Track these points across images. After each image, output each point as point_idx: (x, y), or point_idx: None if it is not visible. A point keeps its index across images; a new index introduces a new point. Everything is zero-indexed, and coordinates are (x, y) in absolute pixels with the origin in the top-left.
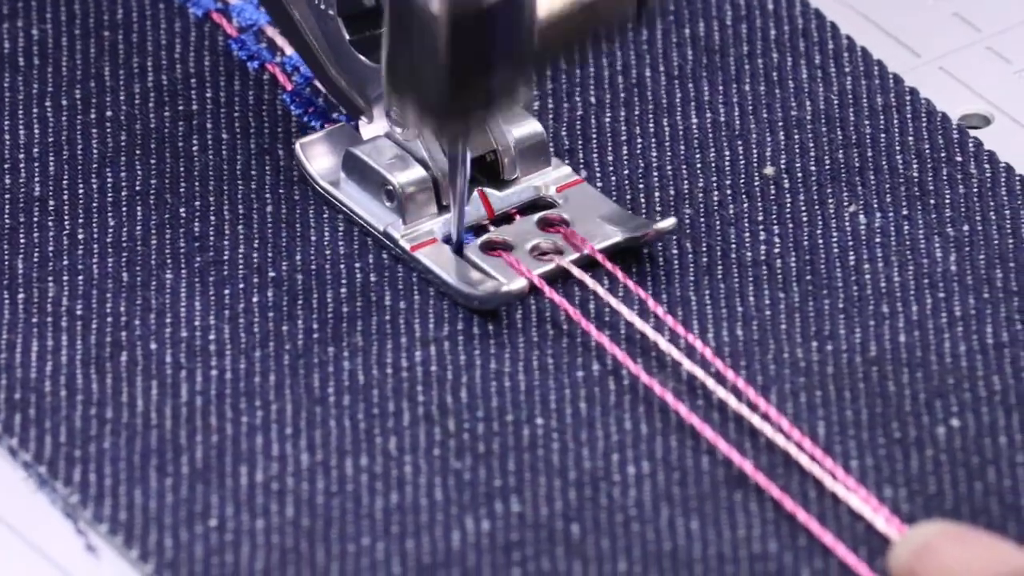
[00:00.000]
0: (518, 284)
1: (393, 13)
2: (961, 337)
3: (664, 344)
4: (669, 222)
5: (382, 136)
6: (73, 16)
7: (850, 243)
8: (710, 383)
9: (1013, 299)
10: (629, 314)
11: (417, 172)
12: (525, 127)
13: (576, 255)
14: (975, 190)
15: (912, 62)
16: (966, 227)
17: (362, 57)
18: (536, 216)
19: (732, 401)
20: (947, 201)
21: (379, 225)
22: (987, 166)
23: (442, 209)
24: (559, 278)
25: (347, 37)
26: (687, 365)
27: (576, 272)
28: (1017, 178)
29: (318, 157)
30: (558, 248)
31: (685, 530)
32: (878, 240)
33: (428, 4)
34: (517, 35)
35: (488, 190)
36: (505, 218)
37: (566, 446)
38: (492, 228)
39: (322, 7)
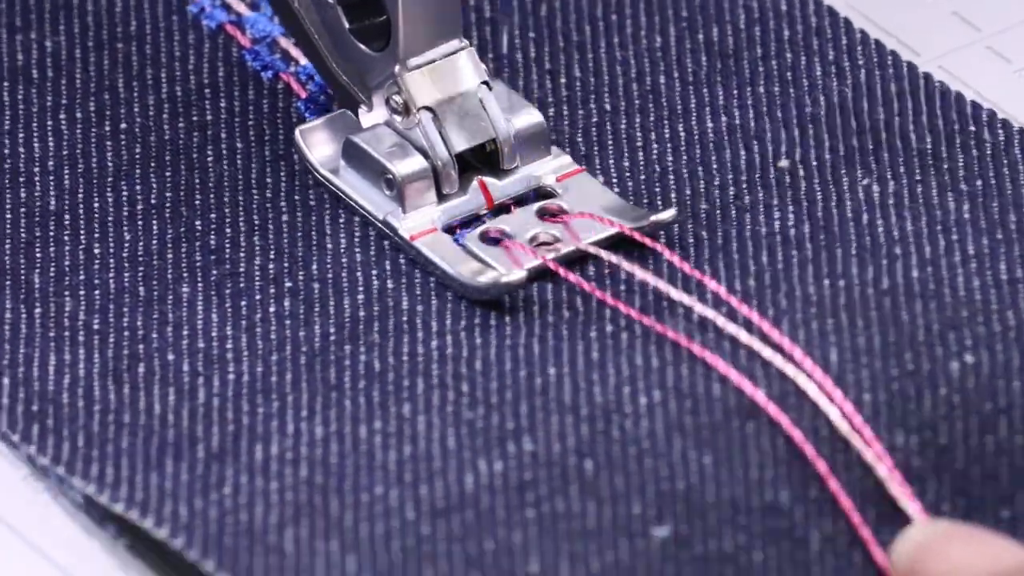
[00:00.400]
0: (517, 274)
1: None
2: (975, 272)
3: (676, 294)
4: (669, 213)
5: (382, 124)
6: (87, 28)
7: (864, 209)
8: (721, 320)
9: None
10: (643, 274)
11: (417, 161)
12: (525, 116)
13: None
14: (988, 152)
15: (912, 61)
16: (979, 183)
17: (362, 45)
18: (535, 206)
19: (743, 335)
20: (960, 164)
21: (379, 214)
22: (1000, 131)
23: (442, 198)
24: (560, 265)
25: (347, 25)
26: (699, 308)
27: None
28: None
29: (318, 145)
30: (557, 238)
31: (698, 466)
32: (892, 202)
33: None
34: None
35: (487, 179)
36: (504, 207)
37: (577, 386)
38: (488, 218)
39: None
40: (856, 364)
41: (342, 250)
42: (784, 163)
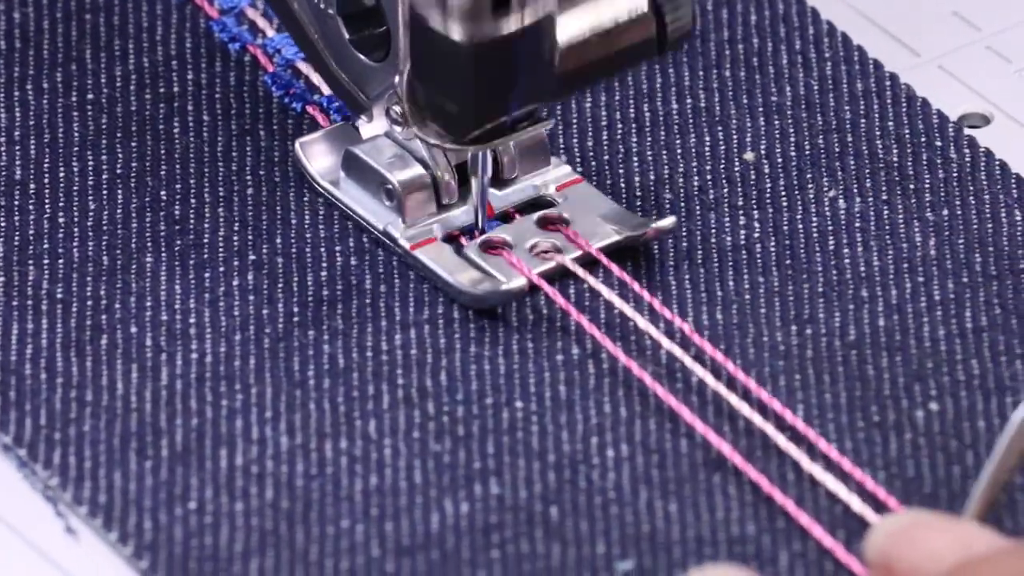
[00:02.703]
0: (517, 283)
1: (416, 38)
2: (940, 321)
3: (643, 324)
4: (668, 221)
5: (382, 135)
6: (54, 0)
7: (830, 228)
8: (688, 362)
9: (992, 283)
10: (609, 294)
11: (417, 171)
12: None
13: (576, 253)
14: (955, 175)
15: (912, 61)
16: (945, 212)
17: (362, 56)
18: (536, 215)
19: (711, 381)
20: (927, 186)
21: (379, 224)
22: (967, 151)
23: (441, 208)
24: (558, 277)
25: (347, 36)
26: (667, 345)
27: (579, 271)
28: (996, 162)
29: (318, 156)
30: (557, 247)
31: (664, 512)
32: (858, 225)
33: (450, 33)
34: (538, 62)
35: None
36: (504, 217)
37: (545, 429)
38: (491, 227)
39: (322, 6)
40: (823, 419)
41: (306, 225)
42: (750, 156)
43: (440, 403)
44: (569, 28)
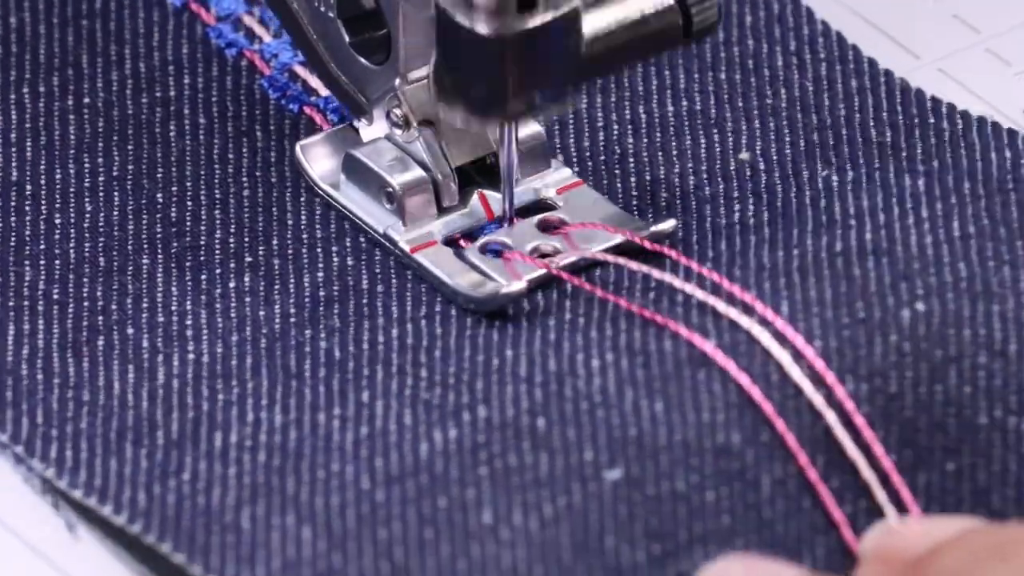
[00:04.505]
0: (517, 286)
1: (440, 30)
2: (928, 231)
3: (635, 265)
4: (668, 224)
5: (382, 138)
6: (51, 5)
7: (823, 196)
8: (678, 283)
9: (980, 201)
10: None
11: (417, 174)
12: (525, 128)
13: (575, 257)
14: (947, 139)
15: (912, 64)
16: (936, 163)
17: (362, 59)
18: (535, 218)
19: (698, 293)
20: (919, 150)
21: (379, 227)
22: (959, 119)
23: (442, 211)
24: (557, 280)
25: (347, 39)
26: (656, 275)
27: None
28: (989, 124)
29: (319, 159)
30: (557, 250)
31: (650, 412)
32: (850, 188)
33: (475, 26)
34: (564, 51)
35: (488, 192)
36: (504, 219)
37: (532, 359)
38: (491, 230)
39: (322, 9)
40: (807, 314)
41: (302, 226)
42: (745, 155)
43: (432, 370)
44: (595, 20)
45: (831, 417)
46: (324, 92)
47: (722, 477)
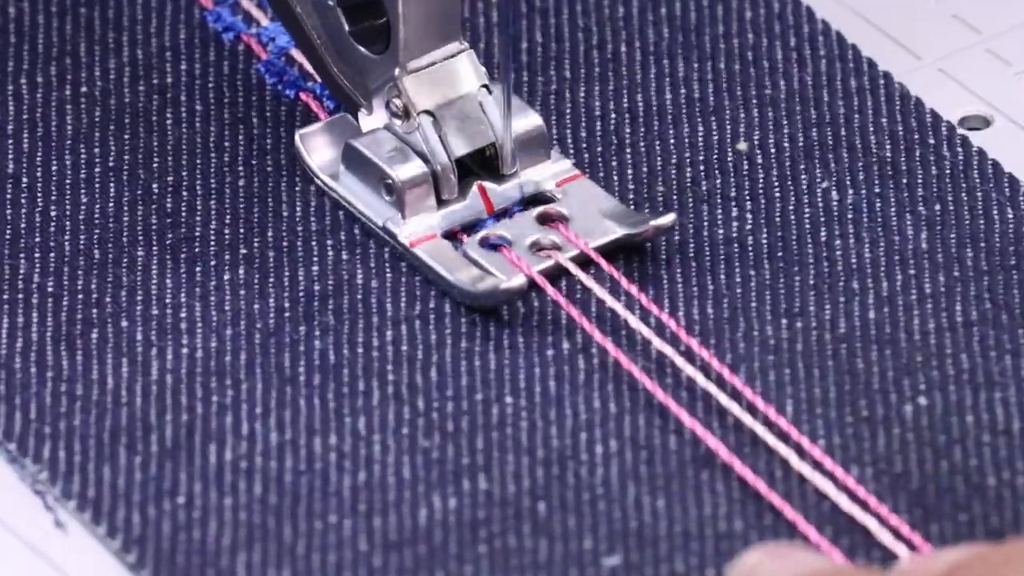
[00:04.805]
0: (517, 280)
1: None
2: (930, 315)
3: (635, 322)
4: (668, 218)
5: (382, 128)
6: None
7: (822, 219)
8: (679, 361)
9: (983, 278)
10: (601, 291)
11: (417, 166)
12: (524, 120)
13: (575, 251)
14: (947, 171)
15: (912, 64)
16: (937, 207)
17: (362, 48)
18: (535, 211)
19: (700, 379)
20: (919, 181)
21: (378, 220)
22: (959, 149)
23: (441, 203)
24: (557, 274)
25: (347, 28)
26: (657, 343)
27: (576, 270)
28: (989, 162)
29: (318, 149)
30: (557, 244)
31: (651, 508)
32: (850, 217)
33: None
34: None
35: (487, 184)
36: (503, 212)
37: (534, 425)
38: (491, 223)
39: None
40: (811, 414)
41: (297, 218)
42: (743, 146)
43: (430, 399)
44: None
45: (841, 499)
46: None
47: (724, 557)
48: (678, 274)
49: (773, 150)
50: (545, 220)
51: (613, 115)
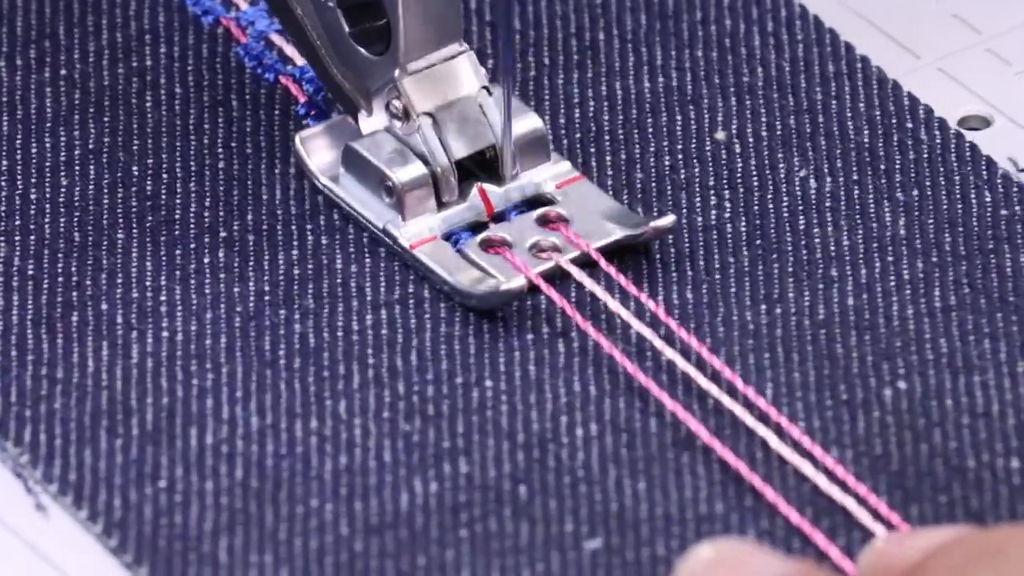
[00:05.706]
0: (517, 282)
1: None
2: (909, 300)
3: (615, 306)
4: (668, 220)
5: (382, 130)
6: None
7: (800, 207)
8: (659, 344)
9: (961, 263)
10: (581, 275)
11: (417, 168)
12: (525, 122)
13: (575, 253)
14: (925, 156)
15: (912, 64)
16: (915, 192)
17: (362, 49)
18: (535, 213)
19: (680, 362)
20: (897, 166)
21: (378, 222)
22: (937, 132)
23: (442, 206)
24: (557, 276)
25: (347, 29)
26: (636, 326)
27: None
28: (967, 144)
29: (318, 151)
30: (557, 246)
31: (632, 491)
32: (828, 204)
33: None
34: None
35: (487, 186)
36: (504, 214)
37: (515, 408)
38: (491, 225)
39: None
40: (791, 397)
41: (277, 200)
42: (721, 135)
43: (410, 383)
44: None
45: (820, 480)
46: (300, 61)
47: (704, 539)
48: (657, 260)
49: (751, 139)
50: (545, 222)
51: (592, 103)
